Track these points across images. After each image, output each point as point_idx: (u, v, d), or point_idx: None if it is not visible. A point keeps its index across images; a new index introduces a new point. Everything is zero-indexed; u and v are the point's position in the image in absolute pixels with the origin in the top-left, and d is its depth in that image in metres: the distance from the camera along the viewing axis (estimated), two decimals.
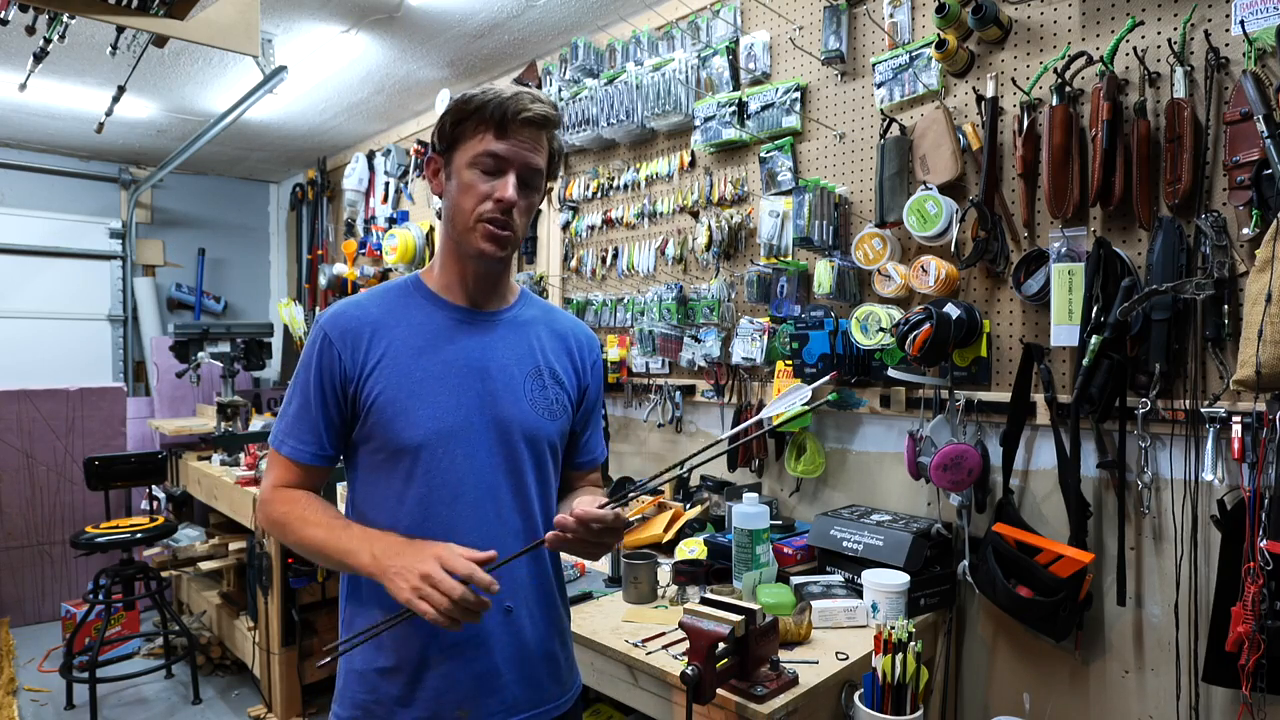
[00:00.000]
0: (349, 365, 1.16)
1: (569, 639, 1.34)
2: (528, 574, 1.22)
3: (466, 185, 1.15)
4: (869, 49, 2.19)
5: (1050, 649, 1.84)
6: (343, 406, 1.17)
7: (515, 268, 3.48)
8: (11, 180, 4.88)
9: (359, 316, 1.19)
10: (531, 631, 1.22)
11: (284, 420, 1.20)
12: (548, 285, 3.23)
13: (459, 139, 1.16)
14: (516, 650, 1.20)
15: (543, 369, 1.26)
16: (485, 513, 1.17)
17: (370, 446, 1.18)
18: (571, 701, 1.30)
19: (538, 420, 1.23)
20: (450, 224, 1.19)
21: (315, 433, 1.17)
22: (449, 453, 1.16)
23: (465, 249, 1.18)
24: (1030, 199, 1.84)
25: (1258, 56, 1.50)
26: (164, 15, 2.04)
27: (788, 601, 1.76)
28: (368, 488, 1.20)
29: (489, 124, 1.13)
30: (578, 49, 2.97)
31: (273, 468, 1.21)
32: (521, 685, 1.20)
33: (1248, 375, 1.37)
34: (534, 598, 1.23)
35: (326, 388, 1.16)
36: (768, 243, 2.32)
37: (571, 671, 1.33)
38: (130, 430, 4.62)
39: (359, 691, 1.18)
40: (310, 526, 1.13)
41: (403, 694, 1.16)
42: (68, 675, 3.28)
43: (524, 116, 1.13)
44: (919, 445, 1.94)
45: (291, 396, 1.20)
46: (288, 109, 4.09)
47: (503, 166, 1.14)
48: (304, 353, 1.19)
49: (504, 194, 1.13)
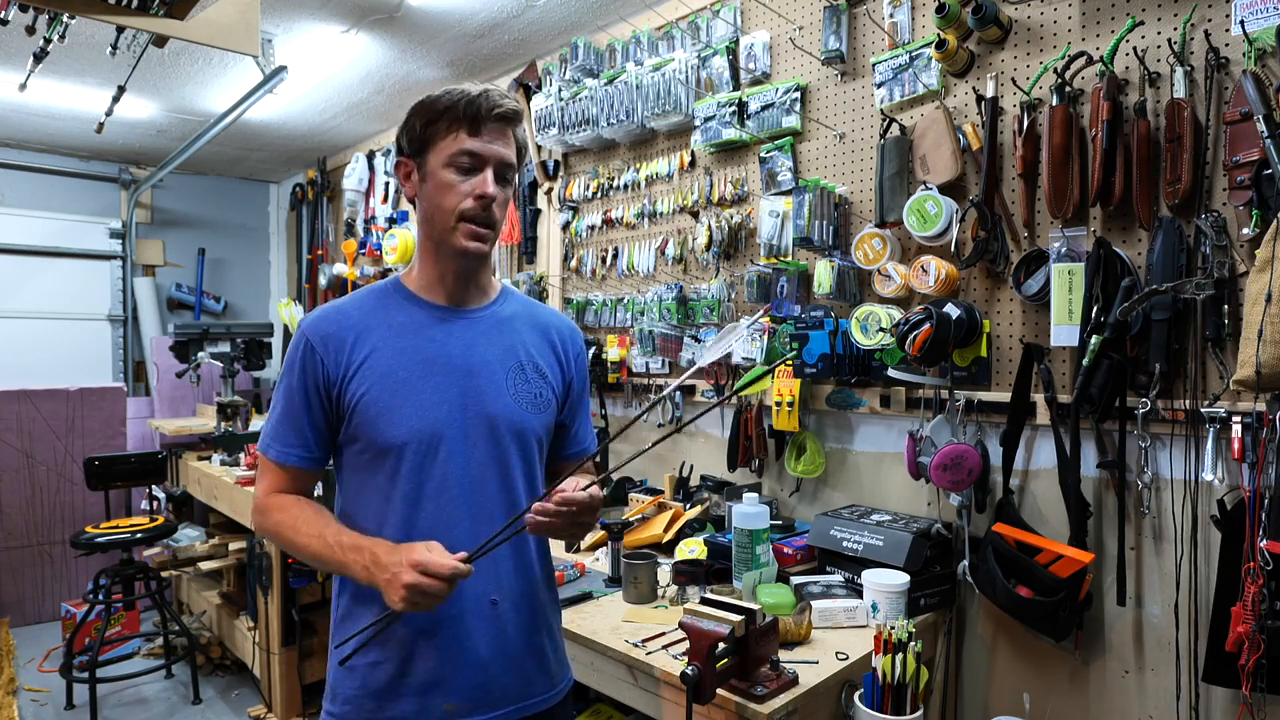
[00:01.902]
0: (332, 369, 1.18)
1: (558, 633, 1.34)
2: (511, 568, 1.23)
3: (444, 184, 1.16)
4: (869, 49, 2.19)
5: (1050, 649, 1.84)
6: (328, 409, 1.19)
7: (506, 269, 3.48)
8: (11, 180, 4.88)
9: (340, 321, 1.20)
10: (516, 625, 1.23)
11: (270, 425, 1.22)
12: (548, 285, 3.23)
13: (431, 140, 1.18)
14: (501, 643, 1.21)
15: (525, 363, 1.27)
16: (472, 508, 1.19)
17: (356, 448, 1.19)
18: (561, 695, 1.31)
19: (522, 414, 1.24)
20: (429, 224, 1.21)
21: (301, 436, 1.19)
22: (433, 450, 1.17)
23: (447, 248, 1.19)
24: (1030, 199, 1.84)
25: (1258, 56, 1.50)
26: (164, 15, 2.04)
27: (788, 601, 1.76)
28: (355, 488, 1.22)
29: (461, 123, 1.15)
30: (578, 49, 2.97)
31: (263, 474, 1.23)
32: (508, 678, 1.21)
33: (1248, 375, 1.37)
34: (518, 590, 1.24)
35: (311, 392, 1.18)
36: (768, 243, 2.32)
37: (561, 665, 1.33)
38: (130, 430, 4.62)
39: (349, 687, 1.19)
40: (304, 538, 1.15)
41: (390, 687, 1.17)
42: (68, 675, 3.28)
43: (497, 113, 1.16)
44: (919, 445, 1.94)
45: (276, 402, 1.22)
46: (288, 109, 4.09)
47: (479, 163, 1.16)
48: (287, 358, 1.21)
49: (485, 189, 1.16)
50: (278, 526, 1.18)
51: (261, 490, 1.23)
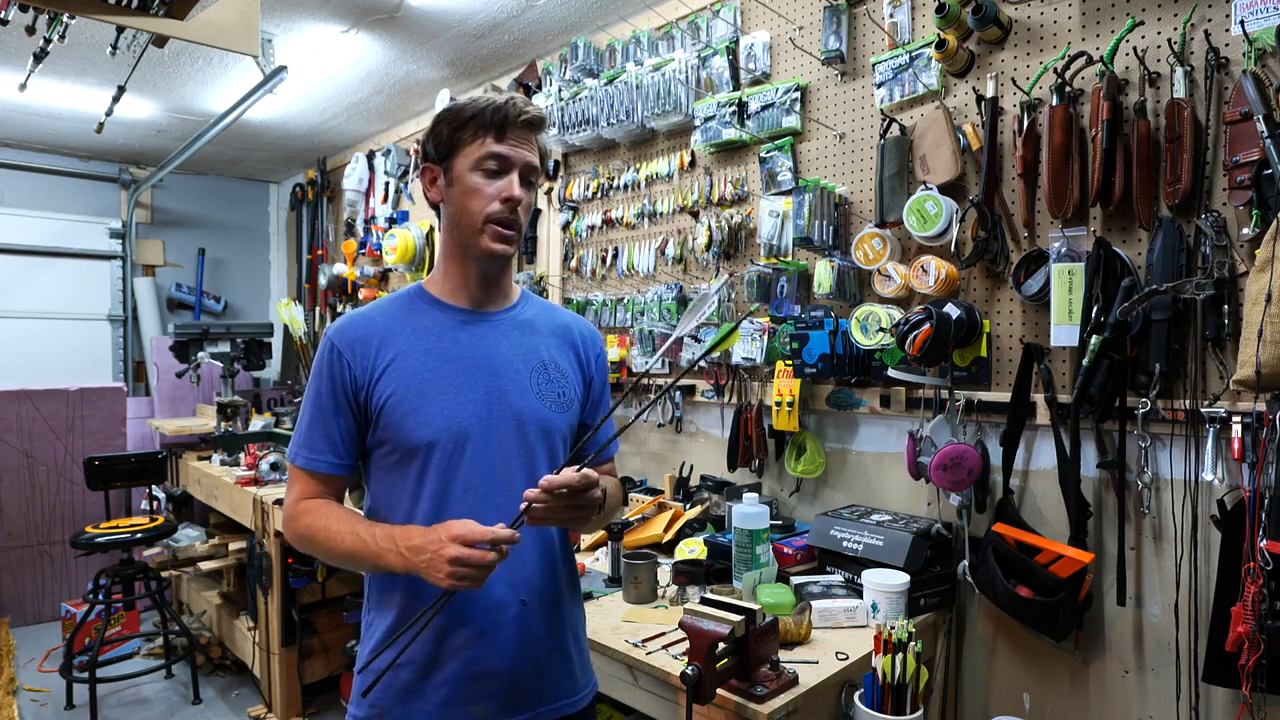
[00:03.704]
0: (359, 373, 1.19)
1: (583, 637, 1.34)
2: (538, 569, 1.24)
3: (472, 188, 1.19)
4: (869, 49, 2.19)
5: (1050, 649, 1.84)
6: (356, 413, 1.21)
7: (515, 269, 3.48)
8: (11, 180, 4.88)
9: (365, 327, 1.23)
10: (544, 627, 1.23)
11: (298, 433, 1.23)
12: (548, 285, 3.23)
13: (458, 146, 1.20)
14: (529, 645, 1.21)
15: (548, 363, 1.29)
16: (499, 506, 1.19)
17: (383, 450, 1.21)
18: (587, 700, 1.31)
19: (547, 412, 1.25)
20: (456, 228, 1.23)
21: (330, 442, 1.21)
22: (460, 449, 1.18)
23: (473, 250, 1.22)
24: (1030, 199, 1.84)
25: (1258, 56, 1.50)
26: (164, 15, 2.04)
27: (788, 601, 1.76)
28: (383, 490, 1.23)
29: (489, 128, 1.18)
30: (578, 49, 2.97)
31: (293, 483, 1.24)
32: (536, 681, 1.22)
33: (1248, 375, 1.37)
34: (545, 592, 1.24)
35: (339, 397, 1.20)
36: (768, 243, 2.32)
37: (585, 670, 1.33)
38: (130, 430, 4.63)
39: (373, 688, 1.19)
40: (336, 537, 1.15)
41: (416, 690, 1.17)
42: (68, 675, 3.28)
43: (523, 119, 1.20)
44: (919, 445, 1.94)
45: (305, 410, 1.23)
46: (288, 109, 4.09)
47: (506, 167, 1.19)
48: (314, 366, 1.23)
49: (511, 193, 1.19)
50: (309, 530, 1.18)
51: (291, 498, 1.23)
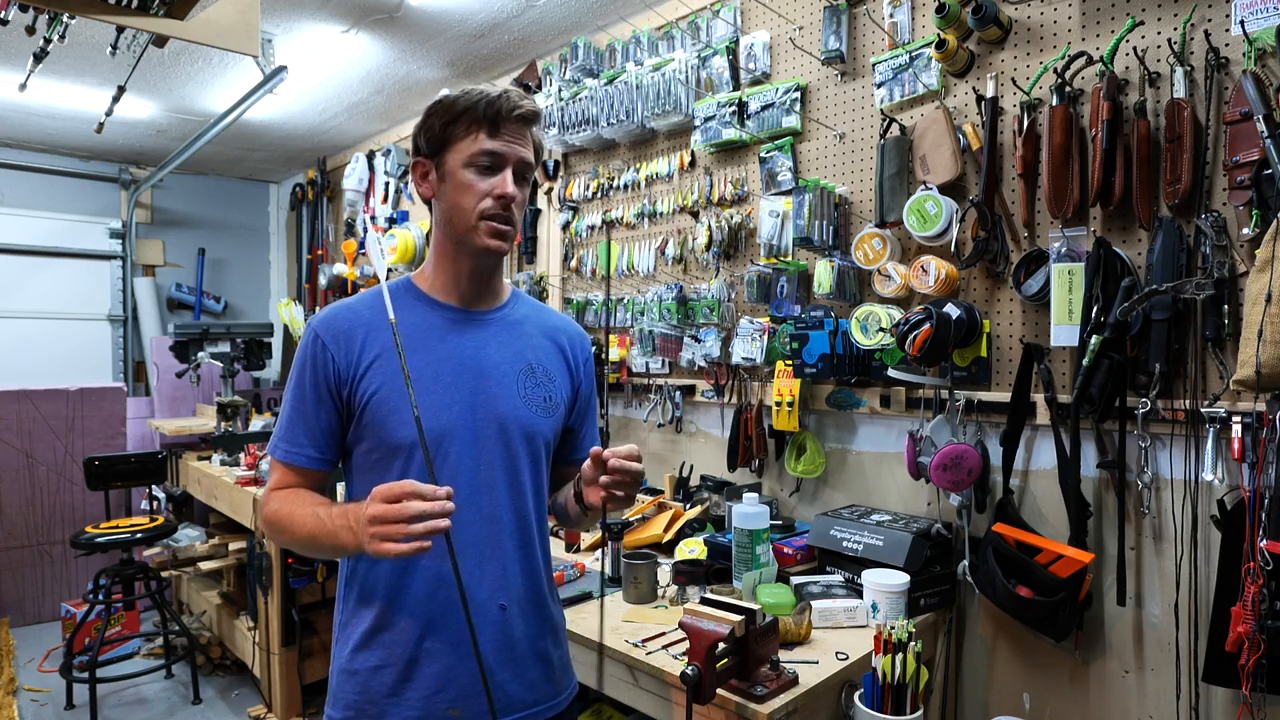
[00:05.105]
0: (343, 366, 1.17)
1: (563, 639, 1.33)
2: (519, 572, 1.22)
3: (464, 184, 1.16)
4: (869, 49, 2.19)
5: (1050, 649, 1.84)
6: (338, 407, 1.18)
7: (507, 268, 3.48)
8: (11, 180, 4.88)
9: (351, 318, 1.19)
10: (524, 630, 1.22)
11: (280, 426, 1.21)
12: (548, 285, 3.23)
13: (450, 140, 1.17)
14: (508, 649, 1.20)
15: (535, 366, 1.27)
16: (481, 508, 1.18)
17: (364, 446, 1.18)
18: (566, 703, 1.30)
19: (532, 416, 1.23)
20: (448, 225, 1.20)
21: (311, 436, 1.18)
22: (442, 450, 1.16)
23: (467, 247, 1.19)
24: (1030, 199, 1.84)
25: (1258, 56, 1.50)
26: (164, 15, 2.04)
27: (788, 601, 1.76)
28: (363, 490, 1.19)
29: (481, 123, 1.15)
30: (578, 49, 2.97)
31: (272, 474, 1.22)
32: (514, 684, 1.20)
33: (1248, 375, 1.37)
34: (525, 596, 1.23)
35: (321, 389, 1.17)
36: (768, 243, 2.32)
37: (566, 673, 1.32)
38: (130, 430, 4.62)
39: (351, 691, 1.18)
40: (299, 521, 1.13)
41: (394, 692, 1.16)
42: (68, 675, 3.28)
43: (517, 114, 1.16)
44: (919, 445, 1.94)
45: (286, 402, 1.21)
46: (288, 109, 4.09)
47: (499, 163, 1.16)
48: (297, 356, 1.20)
49: (505, 189, 1.16)
50: (275, 515, 1.16)
51: (267, 488, 1.21)
